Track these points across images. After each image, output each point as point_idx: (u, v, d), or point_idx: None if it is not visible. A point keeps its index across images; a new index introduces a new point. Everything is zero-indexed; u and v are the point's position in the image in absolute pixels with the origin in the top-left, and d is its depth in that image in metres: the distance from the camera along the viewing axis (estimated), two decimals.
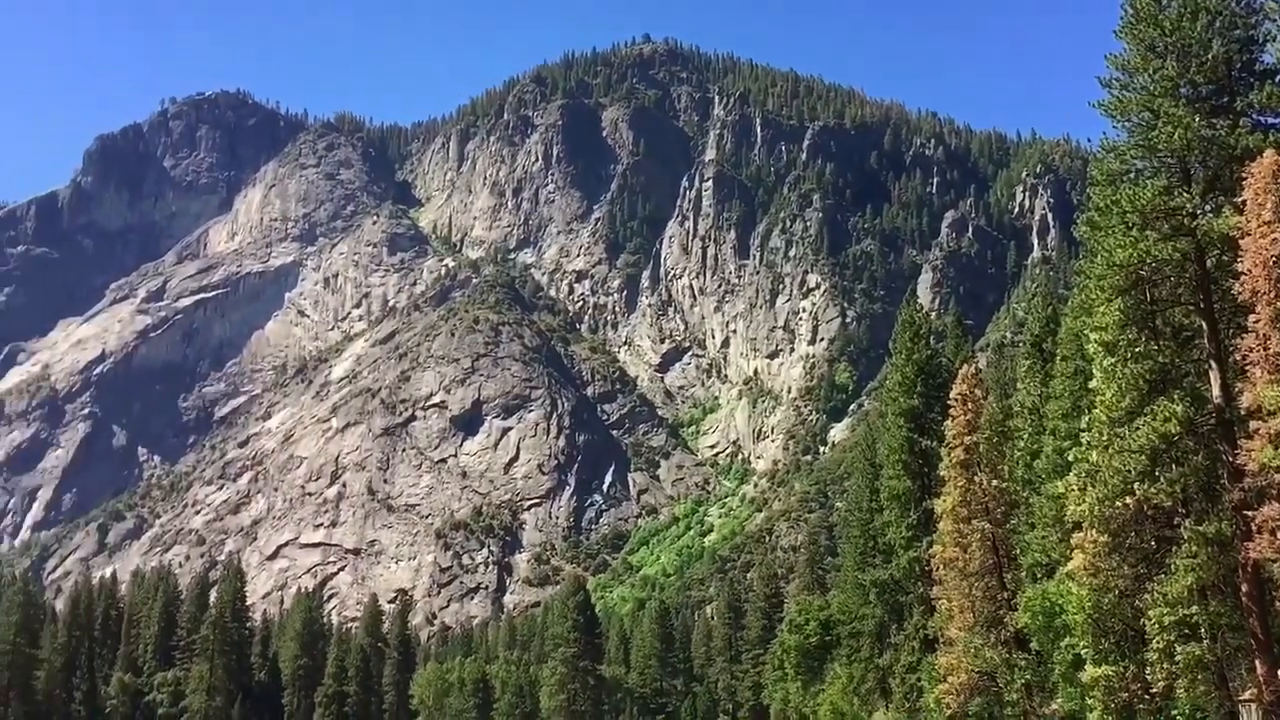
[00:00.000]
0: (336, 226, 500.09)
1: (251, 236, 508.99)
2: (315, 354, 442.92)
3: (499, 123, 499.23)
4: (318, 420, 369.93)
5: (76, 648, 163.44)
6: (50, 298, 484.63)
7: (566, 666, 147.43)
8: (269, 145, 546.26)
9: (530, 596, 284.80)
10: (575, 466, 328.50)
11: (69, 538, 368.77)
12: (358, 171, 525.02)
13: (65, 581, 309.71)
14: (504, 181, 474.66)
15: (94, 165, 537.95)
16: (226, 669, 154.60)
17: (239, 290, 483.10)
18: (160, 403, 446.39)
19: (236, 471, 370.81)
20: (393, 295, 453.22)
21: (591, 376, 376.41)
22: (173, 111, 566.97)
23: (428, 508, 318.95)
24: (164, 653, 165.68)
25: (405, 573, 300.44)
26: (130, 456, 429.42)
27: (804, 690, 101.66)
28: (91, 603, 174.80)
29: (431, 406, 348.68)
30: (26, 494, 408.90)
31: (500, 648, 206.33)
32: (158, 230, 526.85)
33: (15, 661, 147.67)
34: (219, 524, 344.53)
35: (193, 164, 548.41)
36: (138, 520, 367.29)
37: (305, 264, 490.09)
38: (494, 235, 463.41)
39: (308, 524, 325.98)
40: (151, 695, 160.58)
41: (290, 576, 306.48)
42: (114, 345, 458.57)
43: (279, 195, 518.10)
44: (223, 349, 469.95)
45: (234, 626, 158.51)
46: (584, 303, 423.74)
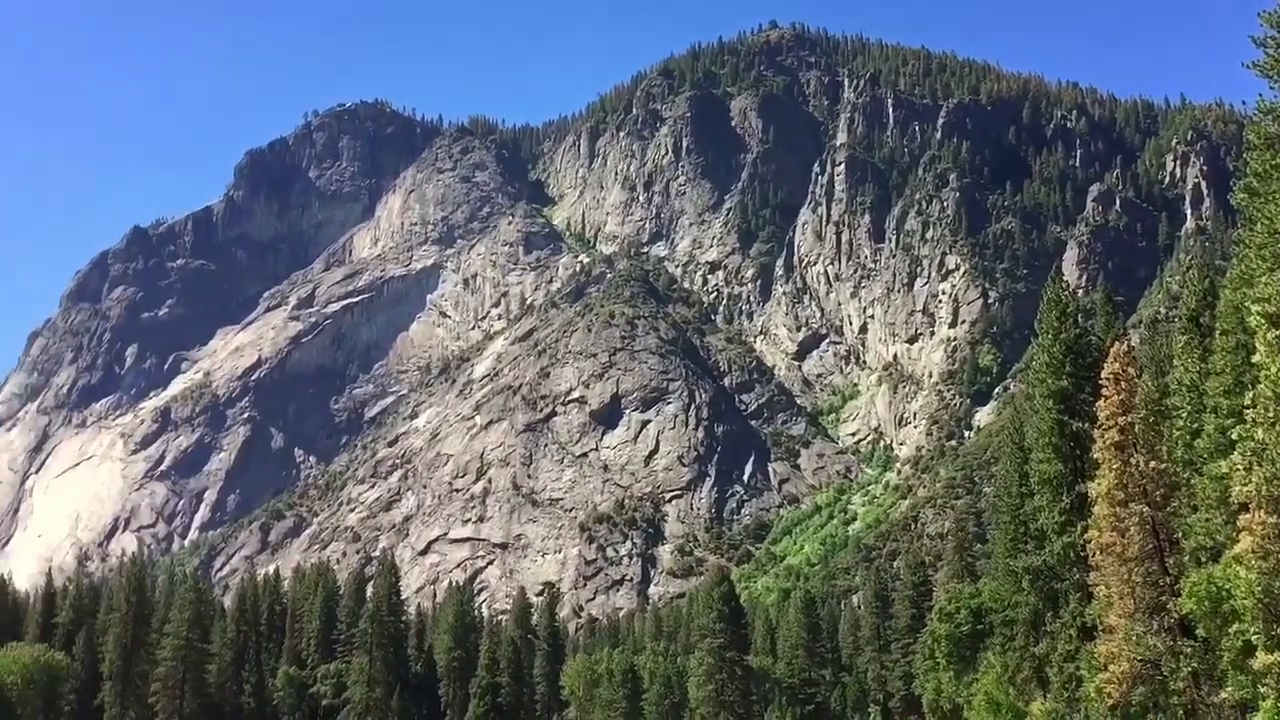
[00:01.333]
0: (474, 228, 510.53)
1: (393, 241, 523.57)
2: (457, 353, 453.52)
3: (628, 118, 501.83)
4: (462, 418, 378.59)
5: (245, 642, 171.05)
6: (209, 308, 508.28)
7: (713, 657, 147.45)
8: (407, 152, 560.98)
9: (674, 588, 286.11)
10: (715, 458, 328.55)
11: (234, 537, 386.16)
12: (492, 173, 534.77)
13: (232, 579, 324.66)
14: (635, 176, 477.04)
15: (245, 179, 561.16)
16: (385, 661, 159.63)
17: (383, 294, 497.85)
18: (313, 405, 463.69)
19: (387, 470, 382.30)
20: (530, 293, 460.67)
21: (728, 367, 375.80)
22: (316, 124, 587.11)
23: (571, 501, 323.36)
24: (326, 646, 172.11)
25: (551, 566, 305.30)
26: (288, 458, 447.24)
27: (956, 680, 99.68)
28: (257, 599, 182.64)
29: (571, 401, 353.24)
30: (194, 496, 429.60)
31: (647, 639, 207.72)
32: (306, 239, 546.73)
33: (189, 656, 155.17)
34: (372, 521, 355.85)
35: (336, 173, 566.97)
36: (297, 519, 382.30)
37: (445, 266, 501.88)
38: (626, 230, 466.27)
39: (456, 519, 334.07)
40: (315, 687, 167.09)
41: (441, 571, 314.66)
42: (269, 351, 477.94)
43: (418, 200, 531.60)
44: (370, 351, 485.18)
45: (390, 620, 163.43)
46: (718, 293, 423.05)
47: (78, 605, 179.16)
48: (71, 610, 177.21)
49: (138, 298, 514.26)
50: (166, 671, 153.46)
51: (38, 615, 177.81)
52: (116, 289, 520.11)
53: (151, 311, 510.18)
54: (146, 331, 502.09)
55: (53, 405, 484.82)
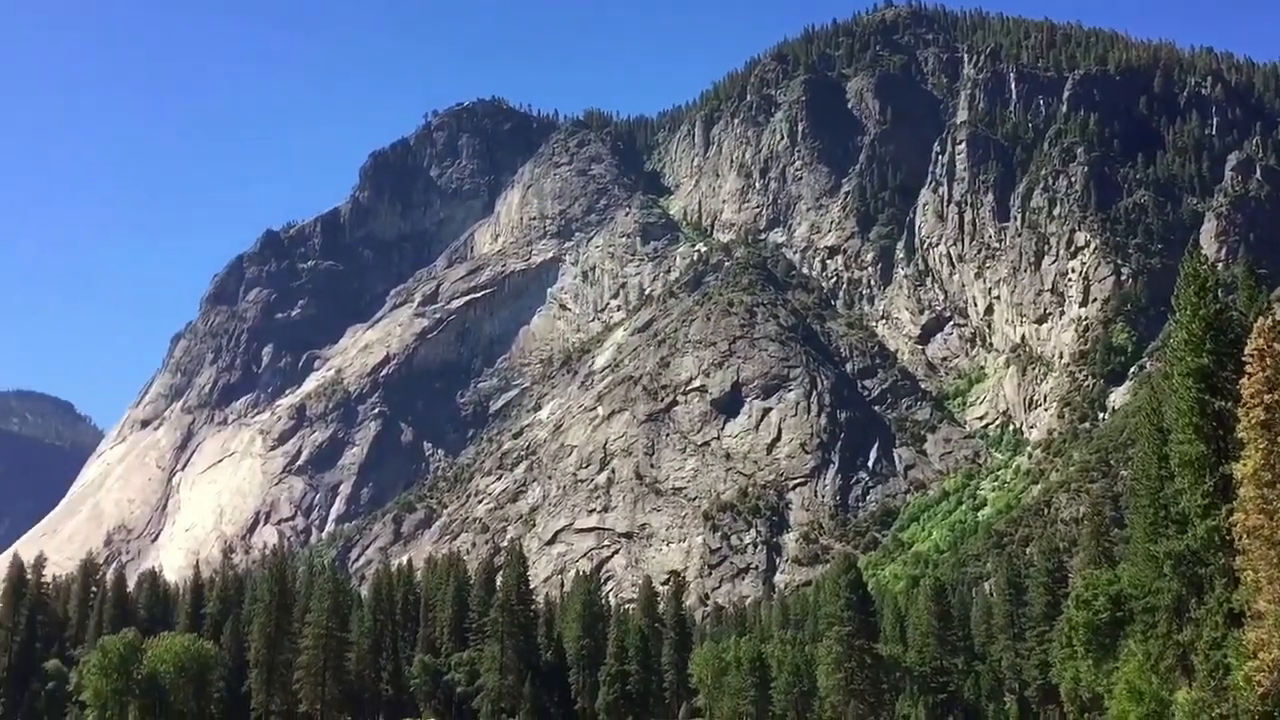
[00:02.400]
0: (591, 220, 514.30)
1: (513, 236, 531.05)
2: (578, 345, 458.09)
3: (742, 104, 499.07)
4: (584, 409, 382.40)
5: (381, 631, 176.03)
6: (339, 307, 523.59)
7: (842, 645, 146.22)
8: (524, 147, 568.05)
9: (800, 576, 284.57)
10: (838, 444, 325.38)
11: (368, 529, 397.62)
12: (608, 165, 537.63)
13: (367, 569, 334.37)
14: (750, 163, 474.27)
15: (369, 181, 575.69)
16: (516, 649, 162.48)
17: (505, 289, 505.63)
18: (440, 399, 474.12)
19: (513, 462, 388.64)
20: (648, 283, 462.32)
21: (850, 353, 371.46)
22: (435, 123, 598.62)
23: (694, 490, 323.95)
24: (458, 634, 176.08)
25: (676, 554, 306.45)
26: (417, 451, 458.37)
27: (1095, 668, 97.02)
28: (392, 589, 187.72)
29: (692, 391, 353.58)
30: (329, 490, 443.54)
31: (774, 627, 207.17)
32: (429, 237, 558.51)
33: (329, 644, 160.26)
34: (500, 512, 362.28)
35: (456, 171, 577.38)
36: (427, 511, 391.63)
37: (564, 259, 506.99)
38: (743, 217, 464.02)
39: (581, 510, 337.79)
40: (450, 675, 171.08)
41: (568, 560, 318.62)
42: (396, 348, 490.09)
43: (536, 195, 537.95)
44: (493, 345, 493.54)
45: (520, 609, 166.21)
46: (838, 279, 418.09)
47: (224, 596, 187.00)
48: (218, 601, 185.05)
49: (271, 299, 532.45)
50: (308, 660, 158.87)
51: (187, 606, 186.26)
52: (251, 291, 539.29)
53: (285, 312, 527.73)
54: (281, 331, 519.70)
55: (195, 404, 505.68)
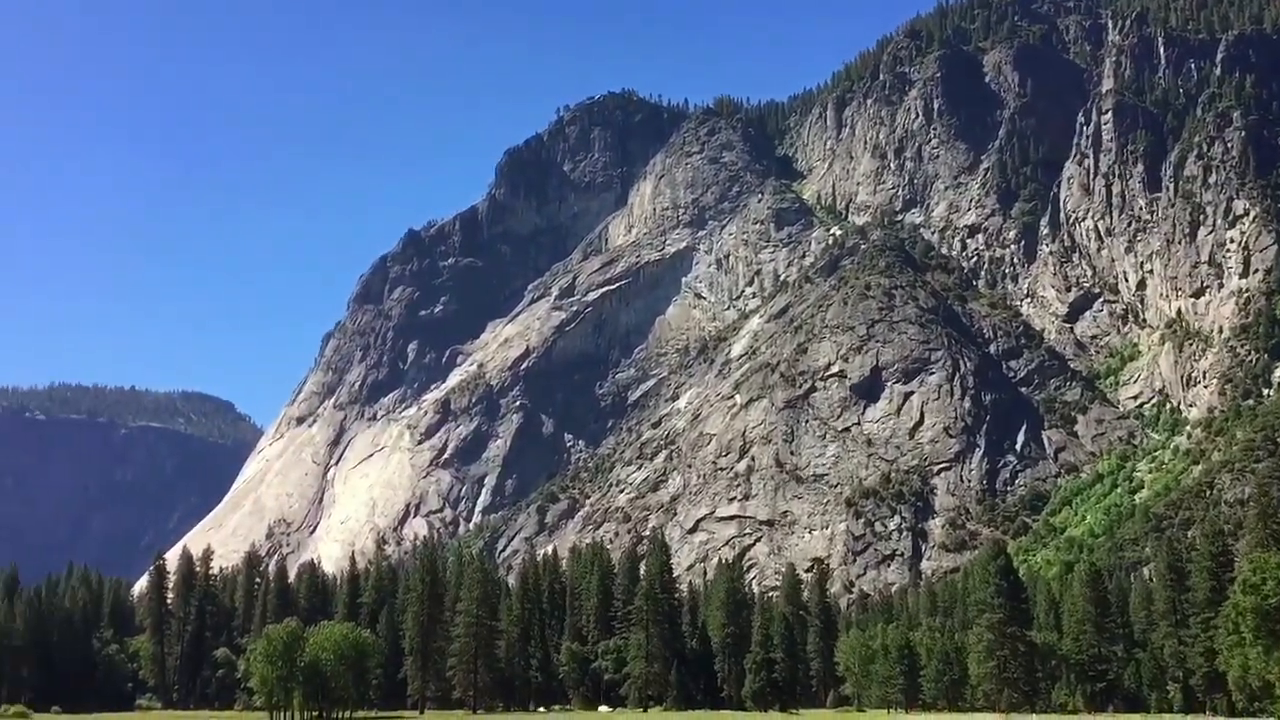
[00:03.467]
0: (724, 208, 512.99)
1: (646, 227, 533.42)
2: (714, 334, 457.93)
3: (875, 84, 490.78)
4: (722, 397, 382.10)
5: (529, 619, 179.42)
6: (479, 303, 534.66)
7: (993, 633, 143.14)
8: (655, 138, 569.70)
9: (948, 562, 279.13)
10: (984, 427, 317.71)
11: (514, 519, 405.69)
12: (739, 152, 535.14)
13: (514, 559, 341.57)
14: (885, 143, 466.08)
15: (505, 178, 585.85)
16: (661, 637, 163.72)
17: (639, 279, 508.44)
18: (580, 391, 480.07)
19: (652, 451, 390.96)
20: (783, 269, 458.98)
21: (993, 333, 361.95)
22: (567, 118, 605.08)
23: (835, 477, 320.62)
24: (604, 622, 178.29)
25: (819, 542, 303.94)
26: (558, 442, 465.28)
27: (1265, 655, 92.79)
28: (538, 578, 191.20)
29: (830, 376, 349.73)
30: (475, 482, 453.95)
31: (921, 614, 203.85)
32: (564, 231, 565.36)
33: (479, 632, 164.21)
34: (641, 501, 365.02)
35: (589, 165, 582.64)
36: (570, 501, 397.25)
37: (698, 248, 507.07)
38: (879, 199, 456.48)
39: (722, 498, 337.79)
40: (597, 662, 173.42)
41: (710, 549, 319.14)
42: (535, 341, 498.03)
43: (668, 185, 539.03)
44: (630, 336, 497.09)
45: (663, 598, 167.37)
46: (979, 258, 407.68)
47: (379, 586, 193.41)
48: (373, 591, 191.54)
49: (415, 297, 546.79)
50: (460, 647, 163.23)
51: (344, 596, 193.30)
52: (396, 290, 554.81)
53: (428, 309, 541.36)
54: (424, 328, 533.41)
55: (346, 401, 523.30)
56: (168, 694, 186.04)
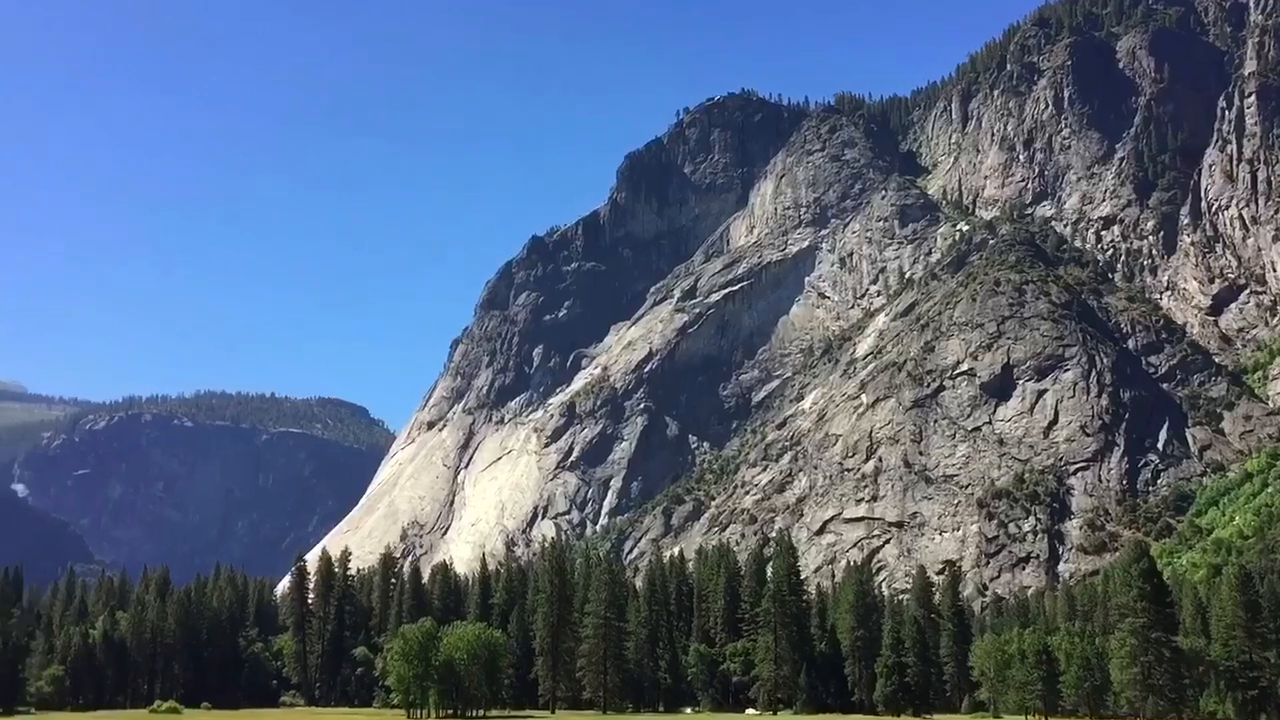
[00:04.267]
0: (846, 206, 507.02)
1: (768, 227, 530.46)
2: (839, 333, 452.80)
3: (1001, 75, 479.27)
4: (848, 397, 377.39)
5: (657, 621, 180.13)
6: (602, 306, 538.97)
7: (1136, 638, 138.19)
8: (775, 138, 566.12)
9: (1086, 564, 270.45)
10: (1122, 425, 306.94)
11: (639, 521, 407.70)
12: (861, 149, 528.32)
13: (641, 561, 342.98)
14: (1013, 135, 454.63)
15: (626, 182, 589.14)
16: (789, 640, 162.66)
17: (762, 280, 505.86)
18: (703, 393, 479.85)
19: (778, 452, 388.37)
20: (908, 267, 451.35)
21: (1131, 328, 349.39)
22: (687, 120, 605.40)
23: (966, 477, 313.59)
24: (731, 624, 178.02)
25: (950, 544, 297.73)
26: (683, 444, 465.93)
27: None
28: (665, 580, 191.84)
29: (959, 375, 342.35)
30: (601, 484, 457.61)
31: (1059, 618, 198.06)
32: (685, 233, 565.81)
33: (608, 634, 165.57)
34: (767, 503, 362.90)
35: (709, 166, 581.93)
36: (695, 503, 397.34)
37: (820, 247, 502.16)
38: (1007, 192, 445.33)
39: (849, 499, 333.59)
40: (725, 664, 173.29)
41: (838, 550, 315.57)
42: (659, 344, 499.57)
43: (789, 184, 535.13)
44: (753, 337, 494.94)
45: (791, 600, 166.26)
46: (1114, 250, 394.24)
47: (509, 587, 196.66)
48: (504, 592, 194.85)
49: (539, 302, 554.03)
50: (590, 648, 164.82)
51: (476, 596, 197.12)
52: (521, 295, 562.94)
53: (552, 314, 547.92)
54: (549, 332, 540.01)
55: (475, 405, 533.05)
56: (310, 691, 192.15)
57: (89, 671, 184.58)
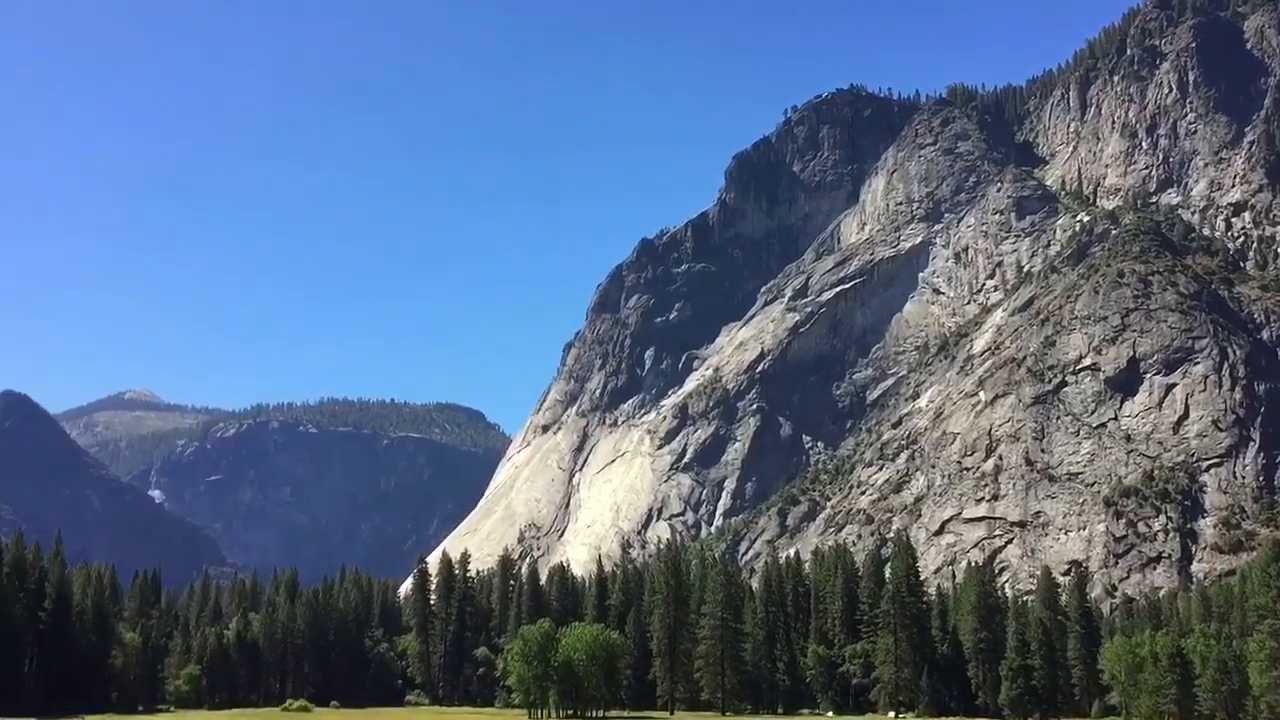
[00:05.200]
0: (960, 200, 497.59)
1: (880, 224, 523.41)
2: (954, 330, 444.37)
3: (1121, 60, 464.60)
4: (965, 395, 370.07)
5: (774, 622, 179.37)
6: (712, 307, 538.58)
7: (1277, 640, 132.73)
8: (886, 133, 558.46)
9: (1221, 564, 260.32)
10: (1258, 420, 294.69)
11: (754, 522, 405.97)
12: (975, 141, 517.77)
13: (756, 562, 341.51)
14: (1135, 121, 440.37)
15: (734, 182, 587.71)
16: (910, 642, 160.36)
17: (874, 277, 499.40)
18: (817, 392, 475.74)
19: (894, 452, 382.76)
20: (1026, 260, 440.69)
21: (1265, 318, 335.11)
22: (795, 119, 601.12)
23: (1091, 475, 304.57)
24: (850, 626, 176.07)
25: (1076, 543, 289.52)
26: (796, 444, 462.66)
27: None
28: (781, 581, 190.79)
29: (1082, 370, 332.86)
30: (714, 485, 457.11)
31: (1194, 619, 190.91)
32: (795, 232, 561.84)
33: (724, 635, 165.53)
34: (883, 503, 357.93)
35: (818, 164, 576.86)
36: (810, 503, 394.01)
37: (934, 242, 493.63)
38: (1129, 181, 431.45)
39: (969, 499, 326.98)
40: (844, 666, 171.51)
41: (958, 551, 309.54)
42: (770, 344, 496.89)
43: (901, 179, 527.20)
44: (866, 335, 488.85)
45: (911, 601, 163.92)
46: (1246, 237, 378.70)
47: (625, 589, 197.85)
48: (620, 593, 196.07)
49: (650, 304, 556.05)
50: (707, 649, 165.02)
51: (593, 598, 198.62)
52: (632, 298, 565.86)
53: (663, 316, 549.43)
54: (660, 334, 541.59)
55: (588, 408, 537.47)
56: (434, 690, 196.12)
57: (224, 671, 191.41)
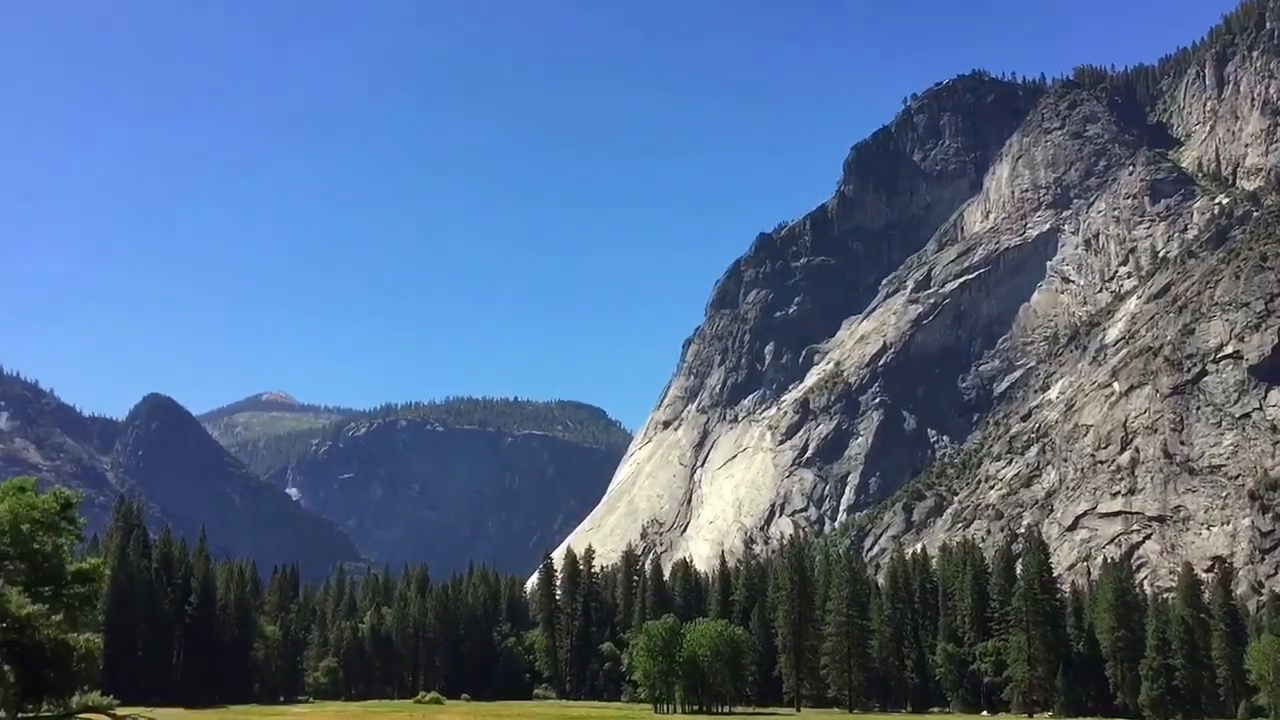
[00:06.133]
0: (1090, 185, 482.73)
1: (1005, 212, 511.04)
2: (1085, 319, 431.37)
3: (1261, 35, 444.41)
4: (1098, 386, 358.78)
5: (901, 619, 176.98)
6: (832, 301, 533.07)
7: None
8: (1010, 118, 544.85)
9: None
10: None
11: (879, 518, 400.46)
12: (1105, 124, 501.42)
13: (881, 558, 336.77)
14: (1277, 98, 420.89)
15: (853, 174, 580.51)
16: (1043, 640, 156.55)
17: (1000, 266, 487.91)
18: (941, 385, 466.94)
19: (1023, 445, 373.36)
20: (1161, 245, 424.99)
21: None
22: (915, 107, 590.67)
23: (1235, 468, 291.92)
24: (980, 623, 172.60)
25: (1219, 539, 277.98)
26: (921, 438, 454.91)
27: None
28: (908, 577, 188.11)
29: (1224, 358, 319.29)
30: (837, 480, 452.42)
31: None
32: (916, 222, 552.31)
33: (850, 632, 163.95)
34: (1013, 498, 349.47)
35: (939, 153, 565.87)
36: (937, 498, 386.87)
37: (1063, 229, 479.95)
38: (1272, 160, 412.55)
39: (1103, 493, 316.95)
40: (975, 665, 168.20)
41: (1093, 547, 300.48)
42: (892, 336, 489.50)
43: (1026, 165, 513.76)
44: (992, 326, 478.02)
45: (1044, 598, 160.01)
46: None
47: (749, 585, 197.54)
48: (744, 589, 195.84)
49: (769, 299, 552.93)
50: (832, 646, 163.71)
51: (716, 594, 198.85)
52: (750, 293, 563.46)
53: (782, 310, 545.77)
54: (780, 329, 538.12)
55: (708, 404, 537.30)
56: (561, 684, 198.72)
57: (359, 663, 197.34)
